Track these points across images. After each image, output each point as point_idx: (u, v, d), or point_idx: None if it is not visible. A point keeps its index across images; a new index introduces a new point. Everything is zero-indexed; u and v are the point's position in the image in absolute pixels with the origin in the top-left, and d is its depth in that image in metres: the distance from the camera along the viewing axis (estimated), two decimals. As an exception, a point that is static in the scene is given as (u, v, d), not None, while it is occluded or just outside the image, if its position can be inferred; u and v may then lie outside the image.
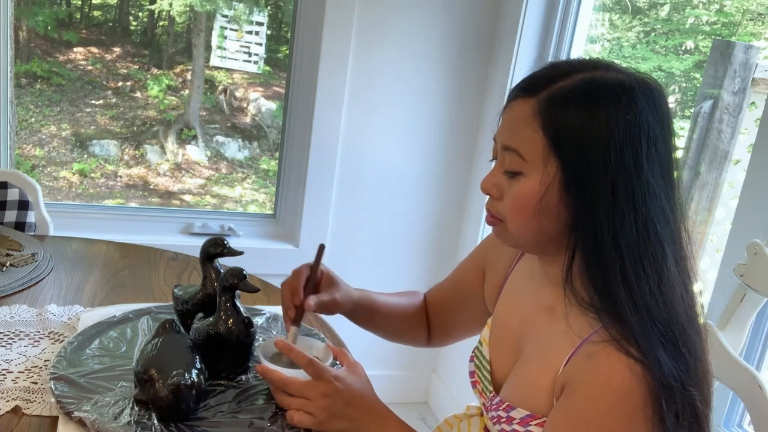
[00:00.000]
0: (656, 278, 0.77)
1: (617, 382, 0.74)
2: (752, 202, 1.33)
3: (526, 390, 0.88)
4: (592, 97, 0.78)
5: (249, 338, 1.02)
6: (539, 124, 0.79)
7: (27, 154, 2.70)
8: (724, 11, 2.18)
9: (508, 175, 0.83)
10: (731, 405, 1.40)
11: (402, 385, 2.48)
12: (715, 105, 1.93)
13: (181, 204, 2.80)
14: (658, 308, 0.77)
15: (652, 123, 0.78)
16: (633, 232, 0.77)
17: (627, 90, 0.78)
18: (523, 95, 0.82)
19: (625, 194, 0.76)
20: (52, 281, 1.33)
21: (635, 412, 0.74)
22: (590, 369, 0.77)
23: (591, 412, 0.76)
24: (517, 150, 0.81)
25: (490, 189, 0.87)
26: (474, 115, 2.32)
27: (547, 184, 0.80)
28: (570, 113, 0.77)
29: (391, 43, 2.18)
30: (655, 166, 0.78)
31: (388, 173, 2.32)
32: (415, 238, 2.41)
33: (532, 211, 0.81)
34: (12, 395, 0.93)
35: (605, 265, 0.77)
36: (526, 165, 0.81)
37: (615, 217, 0.76)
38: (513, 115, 0.83)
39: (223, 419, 0.92)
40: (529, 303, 0.95)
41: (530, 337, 0.92)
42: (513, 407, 0.88)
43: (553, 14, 2.08)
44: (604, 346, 0.77)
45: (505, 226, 0.86)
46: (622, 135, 0.76)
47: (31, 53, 2.62)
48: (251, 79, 2.87)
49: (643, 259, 0.77)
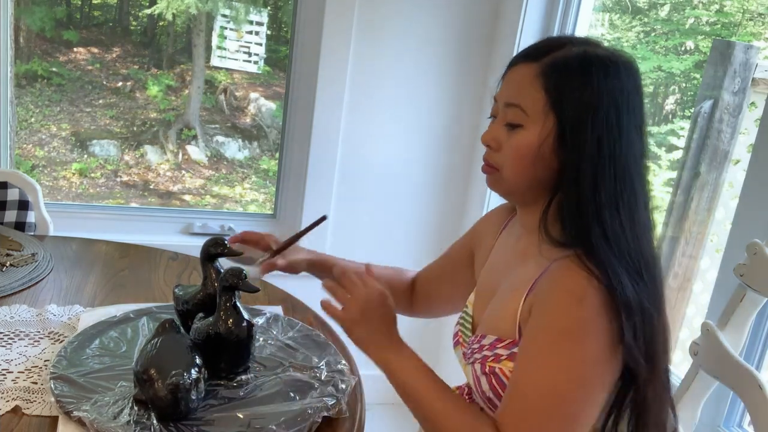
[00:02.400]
0: (628, 216, 0.90)
1: (574, 285, 0.86)
2: (752, 202, 1.33)
3: (495, 319, 0.99)
4: (586, 66, 0.91)
5: (249, 338, 1.02)
6: (541, 85, 0.92)
7: (27, 154, 2.70)
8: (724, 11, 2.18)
9: (509, 127, 0.95)
10: (731, 405, 1.40)
11: (402, 385, 2.48)
12: (715, 105, 1.93)
13: (181, 204, 2.80)
14: (627, 242, 0.89)
15: (631, 92, 0.92)
16: (611, 175, 0.90)
17: (613, 63, 0.92)
18: (526, 60, 0.95)
19: (607, 146, 0.90)
20: (52, 281, 1.33)
21: (593, 318, 0.84)
22: (552, 280, 0.89)
23: (553, 319, 0.87)
24: (520, 105, 0.93)
25: (489, 141, 0.98)
26: (474, 114, 2.32)
27: (544, 136, 0.92)
28: (569, 77, 0.91)
29: (391, 43, 2.18)
30: (632, 126, 0.92)
31: (388, 173, 2.32)
32: (414, 238, 2.41)
33: (529, 160, 0.93)
34: (12, 395, 0.93)
35: (584, 200, 0.89)
36: (527, 119, 0.93)
37: (597, 164, 0.90)
38: (516, 77, 0.96)
39: (222, 419, 0.92)
40: (508, 255, 1.07)
41: (504, 279, 1.03)
42: (484, 336, 0.99)
43: (553, 14, 2.08)
44: (568, 261, 0.88)
45: (501, 174, 0.97)
46: (608, 99, 0.90)
47: (31, 53, 2.62)
48: (251, 79, 2.87)
49: (617, 199, 0.89)
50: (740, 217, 1.36)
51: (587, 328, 0.85)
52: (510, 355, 0.93)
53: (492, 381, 0.94)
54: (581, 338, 0.85)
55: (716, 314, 1.18)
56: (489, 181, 1.01)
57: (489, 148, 0.99)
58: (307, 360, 1.10)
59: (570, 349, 0.85)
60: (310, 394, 0.99)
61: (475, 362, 0.98)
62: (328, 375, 1.05)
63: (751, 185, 1.34)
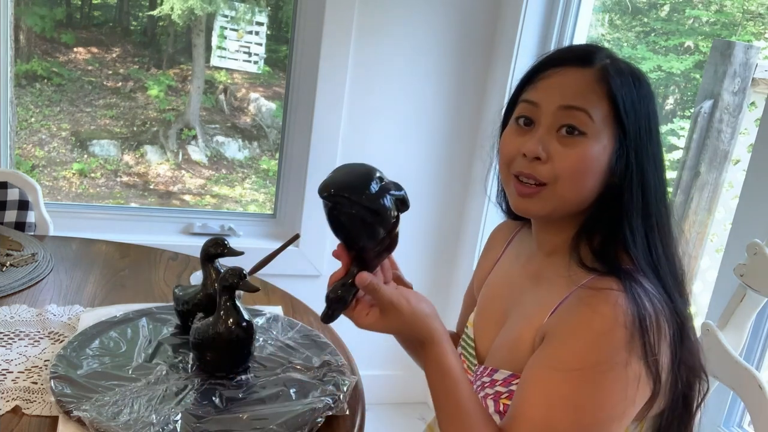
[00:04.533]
0: (666, 234, 0.87)
1: (602, 320, 0.78)
2: (752, 202, 1.33)
3: (508, 351, 0.91)
4: (635, 75, 0.88)
5: (249, 338, 1.02)
6: (604, 92, 0.85)
7: (27, 154, 2.70)
8: (724, 11, 2.18)
9: (567, 134, 0.85)
10: (731, 405, 1.40)
11: (402, 385, 2.48)
12: (715, 105, 1.93)
13: (181, 204, 2.80)
14: (666, 262, 0.86)
15: (654, 99, 0.89)
16: (661, 193, 0.87)
17: (642, 74, 0.89)
18: (577, 65, 0.87)
19: (659, 161, 0.87)
20: (52, 281, 1.33)
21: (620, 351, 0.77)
22: (579, 311, 0.81)
23: (578, 356, 0.79)
24: (587, 110, 0.84)
25: (539, 152, 0.85)
26: (474, 114, 2.32)
27: (608, 148, 0.85)
28: (626, 87, 0.86)
29: (391, 43, 2.18)
30: (659, 135, 0.89)
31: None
32: (414, 238, 2.41)
33: (592, 173, 0.85)
34: (12, 395, 0.93)
35: (650, 225, 0.85)
36: (593, 127, 0.84)
37: (656, 181, 0.86)
38: (571, 81, 0.86)
39: (223, 419, 0.92)
40: (515, 276, 0.98)
41: (514, 303, 0.95)
42: (496, 370, 0.91)
43: (553, 14, 2.08)
44: (598, 293, 0.80)
45: (550, 190, 0.86)
46: (651, 108, 0.87)
47: (31, 53, 2.62)
48: (251, 79, 2.87)
49: (668, 219, 0.87)
50: (740, 217, 1.36)
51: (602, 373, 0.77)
52: None
53: None
54: (591, 382, 0.77)
55: (716, 314, 1.18)
56: (530, 204, 0.88)
57: (537, 160, 0.85)
58: (307, 360, 1.10)
59: (592, 390, 0.77)
60: (310, 394, 0.99)
61: (486, 397, 0.91)
62: (329, 375, 1.05)
63: (751, 185, 1.34)
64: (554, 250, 0.91)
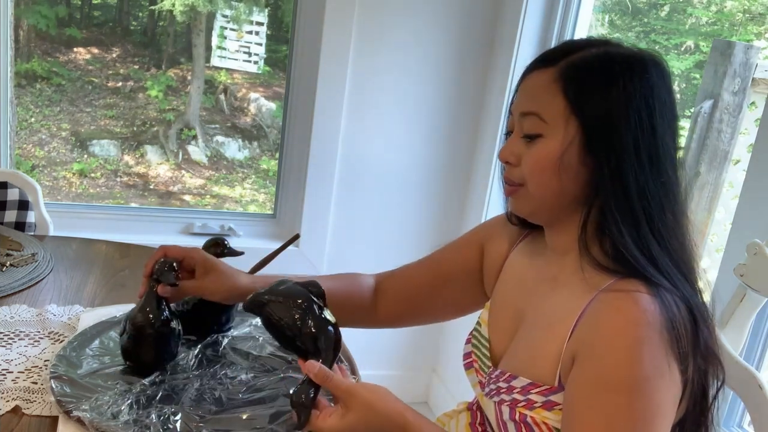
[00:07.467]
0: (677, 227, 0.85)
1: (629, 333, 0.77)
2: (752, 202, 1.33)
3: (528, 359, 0.89)
4: (609, 66, 0.85)
5: (167, 329, 1.01)
6: (559, 89, 0.85)
7: (27, 154, 2.70)
8: (724, 11, 2.18)
9: (527, 139, 0.88)
10: (731, 405, 1.40)
11: (402, 385, 2.48)
12: (715, 105, 1.93)
13: (181, 204, 2.80)
14: (679, 252, 0.84)
15: (662, 90, 0.85)
16: (657, 186, 0.83)
17: (639, 60, 0.85)
18: (541, 66, 0.88)
19: (645, 151, 0.83)
20: (52, 281, 1.33)
21: (655, 367, 0.76)
22: (601, 325, 0.80)
23: (609, 376, 0.77)
24: (538, 113, 0.86)
25: (508, 156, 0.90)
26: (474, 114, 2.32)
27: (567, 143, 0.84)
28: (591, 78, 0.84)
29: (391, 42, 2.18)
30: (666, 128, 0.85)
31: (389, 173, 2.32)
32: (415, 238, 2.41)
33: (553, 171, 0.85)
34: (12, 395, 0.93)
35: (635, 219, 0.82)
36: (546, 127, 0.86)
37: (639, 173, 0.82)
38: (531, 84, 0.89)
39: (223, 419, 0.92)
40: (530, 277, 0.97)
41: (531, 307, 0.94)
42: (514, 376, 0.89)
43: (553, 14, 2.08)
44: (618, 299, 0.79)
45: (525, 190, 0.89)
46: (639, 98, 0.83)
47: (31, 53, 2.62)
48: (251, 79, 2.87)
49: (666, 211, 0.84)
50: (740, 217, 1.36)
51: (651, 383, 0.76)
52: (546, 403, 0.85)
53: (522, 430, 0.87)
54: (644, 394, 0.76)
55: (716, 314, 1.18)
56: (513, 204, 0.93)
57: (508, 164, 0.90)
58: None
59: (646, 402, 0.76)
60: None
61: (502, 403, 0.89)
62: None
63: (751, 185, 1.34)
64: (567, 250, 0.91)
